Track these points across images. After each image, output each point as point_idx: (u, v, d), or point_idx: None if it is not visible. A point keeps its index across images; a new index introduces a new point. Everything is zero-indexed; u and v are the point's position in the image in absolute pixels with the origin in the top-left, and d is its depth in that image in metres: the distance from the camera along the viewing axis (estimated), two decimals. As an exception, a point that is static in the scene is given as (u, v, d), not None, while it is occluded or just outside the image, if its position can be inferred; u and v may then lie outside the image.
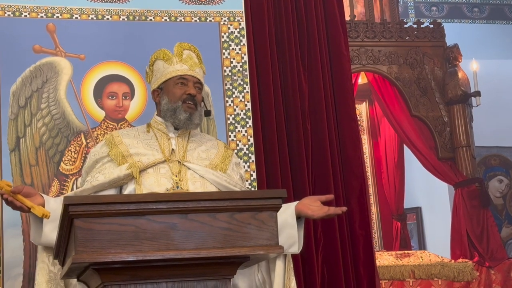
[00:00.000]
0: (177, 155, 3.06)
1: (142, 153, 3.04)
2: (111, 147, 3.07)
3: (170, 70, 3.12)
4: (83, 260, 2.11)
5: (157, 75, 3.17)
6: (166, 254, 2.15)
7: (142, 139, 3.12)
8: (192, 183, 2.99)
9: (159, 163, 3.01)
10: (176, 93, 3.09)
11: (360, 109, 7.83)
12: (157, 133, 3.14)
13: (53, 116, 3.83)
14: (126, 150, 3.04)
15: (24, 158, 3.74)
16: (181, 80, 3.11)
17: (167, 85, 3.12)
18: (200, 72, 3.18)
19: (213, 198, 2.24)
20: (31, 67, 3.84)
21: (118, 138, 3.11)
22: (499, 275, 6.65)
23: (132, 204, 2.16)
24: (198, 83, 3.15)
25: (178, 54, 3.15)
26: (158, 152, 3.05)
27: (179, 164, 3.03)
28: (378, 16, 7.36)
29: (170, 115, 3.10)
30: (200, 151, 3.13)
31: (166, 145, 3.09)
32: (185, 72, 3.11)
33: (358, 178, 4.43)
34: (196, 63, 3.17)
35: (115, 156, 3.03)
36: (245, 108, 4.10)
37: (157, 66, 3.17)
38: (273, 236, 2.24)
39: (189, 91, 3.08)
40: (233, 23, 4.18)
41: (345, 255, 4.30)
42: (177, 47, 3.18)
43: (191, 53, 3.18)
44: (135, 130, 3.22)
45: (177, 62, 3.13)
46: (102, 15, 3.98)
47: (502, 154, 8.46)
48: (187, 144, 3.13)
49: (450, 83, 7.12)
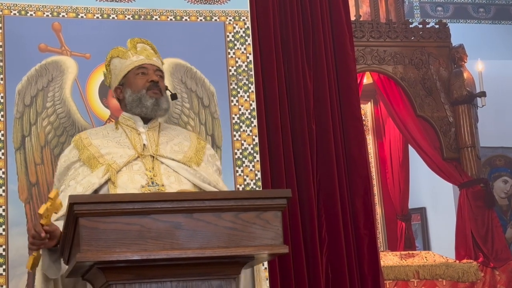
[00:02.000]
0: (149, 149, 2.96)
1: (114, 152, 2.93)
2: (80, 150, 2.96)
3: (128, 63, 3.03)
4: (88, 259, 2.12)
5: (115, 72, 3.07)
6: (171, 253, 2.15)
7: (112, 138, 3.01)
8: (166, 177, 2.90)
9: (132, 159, 2.91)
10: (138, 83, 2.99)
11: (365, 109, 7.83)
12: (126, 129, 3.03)
13: (59, 115, 3.84)
14: (97, 151, 2.93)
15: (29, 157, 3.75)
16: (141, 70, 3.01)
17: (128, 78, 3.02)
18: (158, 61, 3.08)
19: (218, 198, 2.24)
20: (37, 66, 3.84)
21: (86, 140, 2.99)
22: (503, 275, 6.65)
23: (137, 203, 2.16)
24: (159, 70, 3.05)
25: (132, 48, 3.06)
26: (130, 149, 2.95)
27: (152, 159, 2.93)
28: (384, 16, 7.35)
29: (136, 105, 2.98)
30: (173, 144, 3.03)
31: (137, 140, 2.98)
32: (143, 61, 3.02)
33: (363, 178, 4.43)
34: (152, 53, 3.08)
35: (87, 159, 2.92)
36: (250, 108, 4.10)
37: (114, 64, 3.08)
38: (278, 236, 2.24)
39: (151, 78, 2.98)
40: (239, 23, 4.18)
41: (349, 255, 4.30)
42: (129, 42, 3.09)
43: (144, 45, 3.10)
44: (103, 129, 3.11)
45: (133, 55, 3.04)
46: (107, 14, 3.98)
47: (507, 154, 8.44)
48: (158, 137, 3.03)
49: (455, 83, 7.11)
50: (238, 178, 4.01)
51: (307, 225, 4.26)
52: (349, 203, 4.37)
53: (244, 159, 4.03)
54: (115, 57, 3.08)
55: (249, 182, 4.01)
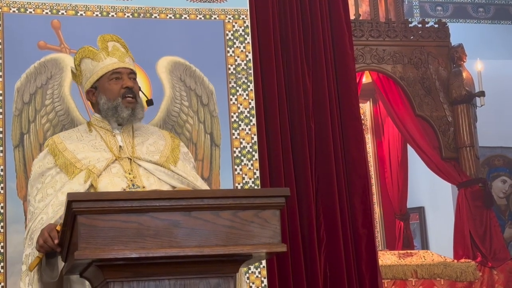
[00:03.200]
0: (125, 151, 2.94)
1: (91, 156, 2.90)
2: (56, 156, 2.92)
3: (101, 67, 2.98)
4: (86, 257, 2.12)
5: (86, 75, 3.02)
6: (169, 251, 2.15)
7: (87, 141, 2.97)
8: (146, 179, 2.89)
9: (110, 163, 2.89)
10: (113, 89, 2.95)
11: (364, 108, 7.83)
12: (100, 131, 3.00)
13: (57, 113, 3.84)
14: (73, 156, 2.89)
15: (28, 154, 3.75)
16: (115, 75, 2.97)
17: (101, 83, 2.98)
18: (130, 61, 3.04)
19: (217, 196, 2.24)
20: (36, 63, 3.84)
21: (61, 145, 2.94)
22: (501, 275, 6.65)
23: (136, 201, 2.16)
24: (132, 73, 3.02)
25: (104, 48, 3.01)
26: (106, 152, 2.92)
27: (129, 161, 2.92)
28: (383, 15, 7.35)
29: (112, 114, 2.95)
30: (148, 144, 3.01)
31: (113, 142, 2.96)
32: (117, 66, 2.98)
33: (362, 177, 4.43)
34: (124, 53, 3.03)
35: (63, 165, 2.88)
36: (249, 106, 4.10)
37: (85, 65, 3.03)
38: (276, 234, 2.24)
39: (125, 84, 2.95)
40: (238, 21, 4.18)
41: (347, 254, 4.31)
42: (100, 41, 3.05)
43: (116, 44, 3.05)
44: (76, 131, 3.06)
45: (105, 57, 2.99)
46: (107, 12, 3.98)
47: (506, 154, 8.45)
48: (133, 138, 3.01)
49: (455, 83, 7.12)
50: (236, 177, 4.01)
51: (306, 224, 4.26)
52: (347, 202, 4.38)
53: (242, 158, 4.03)
54: (86, 58, 3.03)
55: (248, 180, 4.01)
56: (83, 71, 3.04)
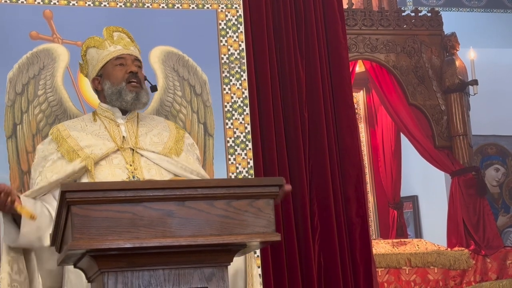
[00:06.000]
0: (128, 142, 2.94)
1: (93, 144, 2.90)
2: (59, 143, 2.92)
3: (105, 54, 3.00)
4: (79, 247, 2.11)
5: (92, 63, 3.04)
6: (163, 241, 2.14)
7: (90, 130, 2.97)
8: (147, 170, 2.89)
9: (112, 152, 2.89)
10: (117, 75, 2.96)
11: (357, 97, 7.83)
12: (105, 120, 3.00)
13: (50, 103, 3.83)
14: (76, 144, 2.90)
15: (20, 145, 3.74)
16: (120, 61, 2.98)
17: (106, 69, 2.99)
18: (135, 50, 3.06)
19: (211, 186, 2.24)
20: (28, 54, 3.83)
21: (65, 132, 2.95)
22: (495, 263, 6.67)
23: (129, 191, 2.15)
24: (137, 60, 3.03)
25: (109, 37, 3.02)
26: (109, 141, 2.93)
27: (132, 152, 2.92)
28: (376, 4, 7.34)
29: (116, 98, 2.96)
30: (152, 135, 3.01)
31: (116, 132, 2.96)
32: (121, 52, 2.99)
33: (355, 166, 4.44)
34: (129, 42, 3.04)
35: (66, 152, 2.89)
36: (242, 96, 4.10)
37: (90, 54, 3.04)
38: (270, 223, 2.24)
39: (129, 69, 2.96)
40: (231, 11, 4.17)
41: (341, 243, 4.32)
42: (105, 31, 3.06)
43: (121, 34, 3.06)
44: (81, 121, 3.06)
45: (110, 45, 3.00)
46: (99, 2, 3.97)
47: (499, 143, 8.46)
48: (137, 129, 3.01)
49: (448, 71, 7.12)
50: (230, 166, 4.01)
51: (299, 213, 4.27)
52: (341, 191, 4.38)
53: (236, 147, 4.03)
54: (91, 47, 3.04)
55: (242, 170, 4.01)
56: (88, 60, 3.06)
